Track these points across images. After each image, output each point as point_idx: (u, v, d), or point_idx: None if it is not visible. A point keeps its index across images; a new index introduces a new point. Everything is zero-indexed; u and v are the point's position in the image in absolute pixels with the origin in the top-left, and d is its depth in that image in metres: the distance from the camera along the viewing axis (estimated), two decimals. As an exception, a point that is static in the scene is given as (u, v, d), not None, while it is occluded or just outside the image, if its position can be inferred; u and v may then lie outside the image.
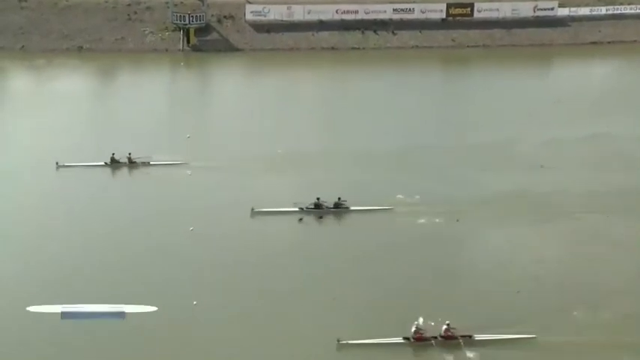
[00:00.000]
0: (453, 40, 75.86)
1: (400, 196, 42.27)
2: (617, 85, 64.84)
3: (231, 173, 44.58)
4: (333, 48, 73.50)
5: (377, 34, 75.50)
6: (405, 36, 75.63)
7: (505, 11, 78.56)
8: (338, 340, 30.29)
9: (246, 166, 45.19)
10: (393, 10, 76.84)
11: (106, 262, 35.54)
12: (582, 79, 68.16)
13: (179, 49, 71.09)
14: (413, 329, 30.48)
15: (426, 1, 78.33)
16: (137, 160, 46.29)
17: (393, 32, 75.78)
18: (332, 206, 41.31)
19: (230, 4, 75.70)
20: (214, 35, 73.29)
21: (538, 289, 34.12)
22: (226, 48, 72.22)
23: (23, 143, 49.03)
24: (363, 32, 75.22)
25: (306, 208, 41.07)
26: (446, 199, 41.75)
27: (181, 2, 74.33)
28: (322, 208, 41.24)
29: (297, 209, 40.99)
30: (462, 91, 64.51)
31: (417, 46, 74.90)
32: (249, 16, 74.72)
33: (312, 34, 74.48)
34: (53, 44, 70.29)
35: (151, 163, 46.34)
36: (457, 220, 39.93)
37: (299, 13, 75.48)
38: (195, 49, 71.58)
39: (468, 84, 67.30)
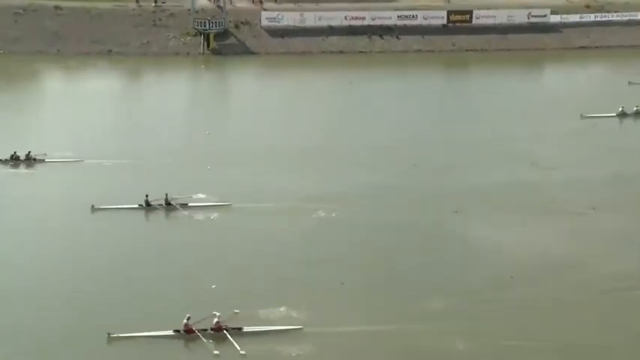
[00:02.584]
0: (453, 45, 78.61)
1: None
2: (602, 85, 67.41)
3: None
4: (341, 51, 76.24)
5: (382, 38, 78.23)
6: (409, 40, 78.27)
7: (501, 18, 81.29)
8: (108, 334, 29.27)
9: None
10: (398, 16, 79.51)
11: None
12: (572, 80, 70.96)
13: (200, 53, 73.79)
14: (184, 322, 29.93)
15: (428, 8, 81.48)
16: (36, 157, 46.01)
17: (397, 37, 78.44)
18: (163, 204, 40.46)
19: (247, 11, 78.36)
20: (232, 40, 75.81)
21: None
22: (243, 51, 74.99)
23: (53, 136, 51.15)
24: (369, 37, 77.84)
25: (139, 205, 40.30)
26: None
27: (202, 9, 77.24)
28: (151, 206, 40.35)
29: (136, 206, 40.15)
30: (462, 91, 66.69)
31: (419, 50, 77.53)
32: (264, 22, 77.55)
33: (323, 39, 77.26)
34: (86, 48, 72.81)
35: (46, 160, 46.17)
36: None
37: (310, 20, 78.27)
38: (215, 52, 74.11)
39: (467, 85, 69.70)
